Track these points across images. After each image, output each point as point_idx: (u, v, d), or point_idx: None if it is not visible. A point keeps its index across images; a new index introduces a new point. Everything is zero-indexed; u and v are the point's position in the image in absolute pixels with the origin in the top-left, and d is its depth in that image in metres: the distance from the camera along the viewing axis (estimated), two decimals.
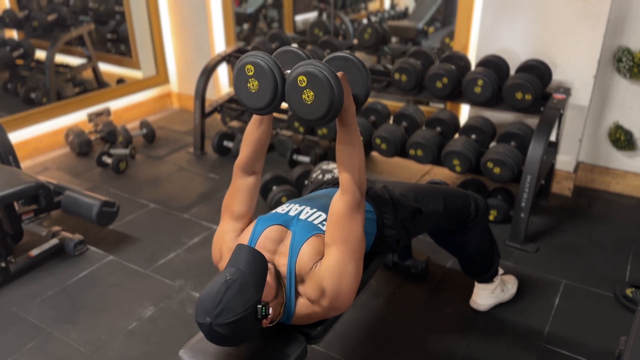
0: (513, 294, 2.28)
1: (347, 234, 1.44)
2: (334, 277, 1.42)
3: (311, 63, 1.33)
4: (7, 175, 2.41)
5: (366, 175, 1.52)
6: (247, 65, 1.38)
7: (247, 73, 1.39)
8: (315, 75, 1.31)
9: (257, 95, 1.40)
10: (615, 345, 1.92)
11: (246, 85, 1.41)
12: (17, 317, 2.22)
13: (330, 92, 1.31)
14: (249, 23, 5.53)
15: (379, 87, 3.20)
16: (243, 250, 1.35)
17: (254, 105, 1.43)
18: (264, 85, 1.38)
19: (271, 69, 1.37)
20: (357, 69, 1.47)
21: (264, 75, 1.38)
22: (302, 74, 1.32)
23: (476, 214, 2.00)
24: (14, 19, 4.40)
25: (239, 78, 1.41)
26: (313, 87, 1.32)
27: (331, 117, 1.35)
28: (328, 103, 1.31)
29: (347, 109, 1.41)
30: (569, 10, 2.77)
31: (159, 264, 2.57)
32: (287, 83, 1.36)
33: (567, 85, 2.91)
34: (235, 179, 1.66)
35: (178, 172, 3.53)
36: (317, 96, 1.32)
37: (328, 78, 1.30)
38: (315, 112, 1.34)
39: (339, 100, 1.32)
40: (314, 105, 1.33)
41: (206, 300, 1.26)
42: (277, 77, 1.37)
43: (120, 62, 4.77)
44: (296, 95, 1.35)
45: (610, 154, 3.09)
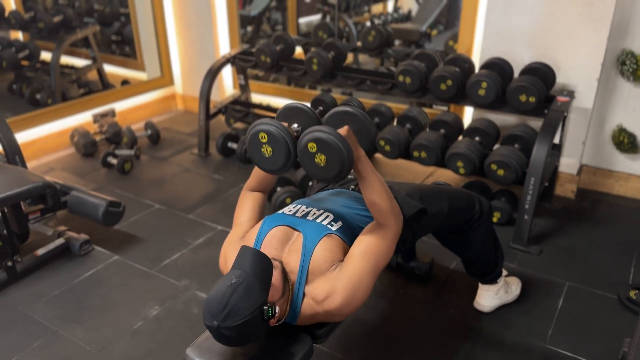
0: (517, 295, 2.28)
1: (380, 253, 1.49)
2: (351, 286, 1.43)
3: (319, 129, 1.41)
4: (14, 175, 2.43)
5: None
6: (261, 133, 1.47)
7: (260, 140, 1.48)
8: (324, 140, 1.39)
9: (271, 160, 1.50)
10: (619, 347, 1.93)
11: (260, 150, 1.50)
12: (23, 316, 2.24)
13: (340, 154, 1.39)
14: (252, 25, 5.55)
15: (383, 89, 3.21)
16: (248, 252, 1.36)
17: (268, 168, 1.53)
18: (277, 152, 1.48)
19: (284, 137, 1.45)
20: (359, 121, 1.54)
21: (276, 143, 1.46)
22: (312, 141, 1.41)
23: (480, 214, 2.01)
24: (19, 21, 4.43)
25: (253, 144, 1.50)
26: (323, 151, 1.40)
27: (345, 174, 1.43)
28: (340, 163, 1.40)
29: (359, 158, 1.47)
30: (573, 13, 2.78)
31: (164, 264, 2.59)
32: (299, 149, 1.45)
33: (571, 88, 2.92)
34: (242, 197, 1.76)
35: (183, 173, 3.55)
36: (328, 159, 1.41)
37: (336, 141, 1.38)
38: (329, 173, 1.43)
39: (349, 158, 1.40)
40: (327, 167, 1.42)
41: (213, 303, 1.28)
42: (289, 144, 1.46)
43: (125, 64, 4.80)
44: (309, 160, 1.44)
45: (614, 156, 3.10)
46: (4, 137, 2.65)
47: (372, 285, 1.48)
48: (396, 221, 1.53)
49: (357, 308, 1.48)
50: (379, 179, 1.51)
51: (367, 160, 1.50)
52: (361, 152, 1.48)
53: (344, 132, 1.44)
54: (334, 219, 1.59)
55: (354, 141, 1.46)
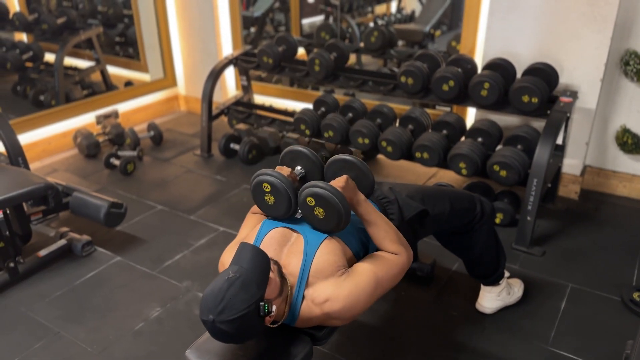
0: (519, 297, 2.27)
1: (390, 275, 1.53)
2: (355, 295, 1.44)
3: (316, 184, 1.49)
4: (17, 176, 2.43)
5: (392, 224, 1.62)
6: (264, 184, 1.56)
7: (263, 189, 1.57)
8: (321, 195, 1.47)
9: (274, 207, 1.59)
10: (622, 349, 1.92)
11: (263, 198, 1.59)
12: (25, 317, 2.24)
13: (337, 208, 1.46)
14: (256, 26, 5.56)
15: (385, 90, 3.21)
16: (246, 248, 1.37)
17: (271, 214, 1.62)
18: (279, 201, 1.57)
19: (286, 190, 1.55)
20: (357, 169, 1.61)
21: (278, 194, 1.56)
22: (310, 196, 1.49)
23: (482, 215, 2.00)
24: (23, 22, 4.45)
25: (257, 191, 1.60)
26: (321, 205, 1.48)
27: (345, 224, 1.50)
28: (337, 216, 1.48)
29: (359, 203, 1.54)
30: (576, 14, 2.77)
31: (165, 265, 2.59)
32: (299, 202, 1.53)
33: (574, 89, 2.91)
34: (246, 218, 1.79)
35: (185, 174, 3.55)
36: (326, 211, 1.48)
37: (333, 197, 1.46)
38: (328, 224, 1.51)
39: (346, 211, 1.47)
40: (326, 218, 1.50)
41: (209, 297, 1.28)
42: (290, 196, 1.55)
43: (128, 65, 4.81)
44: (309, 212, 1.52)
45: (618, 157, 3.08)
46: (7, 139, 2.66)
47: (370, 304, 1.50)
48: (406, 252, 1.57)
49: (353, 317, 1.49)
50: (382, 217, 1.58)
51: (368, 204, 1.56)
52: (361, 197, 1.55)
53: (342, 182, 1.51)
54: None
55: (352, 188, 1.53)
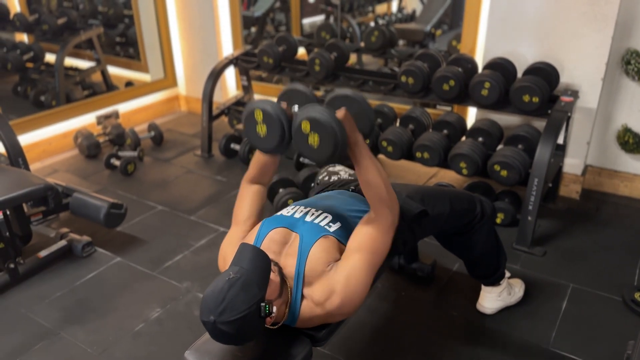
0: (520, 297, 2.27)
1: (375, 247, 1.48)
2: (350, 282, 1.42)
3: (313, 108, 1.39)
4: (16, 177, 2.43)
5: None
6: (256, 111, 1.47)
7: (255, 118, 1.48)
8: (318, 120, 1.38)
9: (266, 139, 1.50)
10: (623, 350, 1.91)
11: (255, 129, 1.50)
12: (25, 318, 2.24)
13: (333, 135, 1.38)
14: (256, 26, 5.55)
15: (385, 90, 3.20)
16: (246, 249, 1.36)
17: (262, 147, 1.54)
18: (271, 131, 1.47)
19: (279, 117, 1.45)
20: (359, 105, 1.53)
21: (271, 122, 1.46)
22: (306, 120, 1.40)
23: (482, 216, 1.99)
24: (24, 23, 4.45)
25: (248, 122, 1.50)
26: (317, 131, 1.39)
27: (338, 157, 1.42)
28: (333, 144, 1.39)
29: (356, 142, 1.46)
30: (577, 13, 2.76)
31: (165, 265, 2.59)
32: (293, 128, 1.44)
33: (575, 88, 2.90)
34: (241, 190, 1.73)
35: (185, 175, 3.55)
36: (322, 139, 1.39)
37: (330, 121, 1.37)
38: (322, 154, 1.42)
39: (343, 139, 1.39)
40: (320, 148, 1.41)
41: (210, 298, 1.28)
42: (284, 124, 1.46)
43: (129, 65, 4.81)
44: (302, 139, 1.43)
45: (619, 157, 3.07)
46: (7, 140, 2.66)
47: (370, 281, 1.47)
48: (391, 211, 1.50)
49: (358, 306, 1.47)
50: (376, 164, 1.49)
51: (365, 146, 1.48)
52: (358, 137, 1.46)
53: (341, 115, 1.42)
54: (333, 220, 1.58)
55: (351, 125, 1.44)
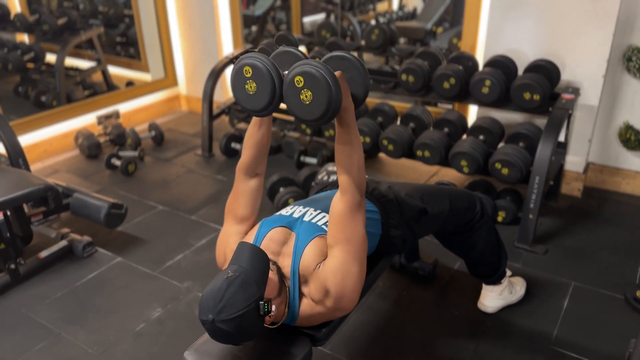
0: (521, 295, 2.26)
1: (349, 234, 1.43)
2: (337, 278, 1.41)
3: (308, 62, 1.31)
4: (17, 177, 2.43)
5: (366, 175, 1.51)
6: (245, 67, 1.37)
7: (244, 75, 1.38)
8: (312, 75, 1.29)
9: (255, 97, 1.39)
10: (625, 348, 1.90)
11: (244, 87, 1.39)
12: (26, 319, 2.24)
13: (328, 91, 1.30)
14: (257, 25, 5.55)
15: (386, 88, 3.19)
16: (245, 247, 1.36)
17: (252, 107, 1.42)
18: (262, 87, 1.37)
19: (269, 71, 1.36)
20: (354, 68, 1.45)
21: (261, 77, 1.37)
22: (299, 74, 1.31)
23: (482, 214, 1.99)
24: (24, 23, 4.45)
25: (237, 80, 1.40)
26: (310, 87, 1.31)
27: (330, 116, 1.34)
28: (326, 102, 1.30)
29: (346, 108, 1.39)
30: (578, 10, 2.75)
31: (166, 265, 2.59)
32: (285, 84, 1.35)
33: (576, 85, 2.89)
34: (238, 182, 1.65)
35: (186, 174, 3.55)
36: (315, 95, 1.31)
37: (325, 77, 1.29)
38: (314, 112, 1.33)
39: (337, 98, 1.31)
40: (313, 104, 1.32)
41: (208, 297, 1.27)
42: (274, 79, 1.36)
43: (130, 65, 4.81)
44: (294, 95, 1.34)
45: (621, 154, 3.06)
46: (8, 140, 2.66)
47: (361, 270, 1.45)
48: (358, 189, 1.44)
49: (356, 299, 1.46)
50: (358, 138, 1.44)
51: (353, 114, 1.42)
52: (350, 103, 1.41)
53: (337, 74, 1.36)
54: None
55: (345, 88, 1.38)
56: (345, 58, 1.44)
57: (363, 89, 1.47)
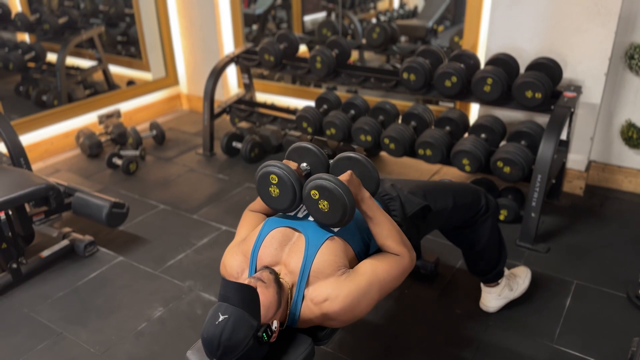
0: (525, 288, 2.24)
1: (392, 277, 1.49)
2: (356, 296, 1.41)
3: (321, 177, 1.47)
4: (18, 177, 2.43)
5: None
6: (272, 175, 1.55)
7: (270, 181, 1.56)
8: (326, 187, 1.45)
9: (278, 199, 1.58)
10: (628, 346, 1.90)
11: (268, 190, 1.58)
12: (28, 318, 2.24)
13: (341, 199, 1.44)
14: (257, 24, 5.54)
15: (387, 87, 3.19)
16: (229, 285, 1.32)
17: (274, 207, 1.61)
18: (284, 194, 1.56)
19: (292, 183, 1.53)
20: (362, 166, 1.59)
21: (284, 187, 1.55)
22: (314, 188, 1.47)
23: (486, 209, 1.98)
24: (25, 22, 4.45)
25: (263, 182, 1.58)
26: (326, 198, 1.46)
27: (349, 218, 1.48)
28: (342, 208, 1.45)
29: (363, 200, 1.51)
30: (580, 8, 2.74)
31: (168, 264, 2.58)
32: (304, 195, 1.51)
33: (578, 83, 2.88)
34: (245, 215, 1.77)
35: (187, 173, 3.55)
36: (331, 205, 1.46)
37: (337, 188, 1.44)
38: (333, 218, 1.48)
39: (350, 202, 1.45)
40: (330, 212, 1.48)
41: (206, 345, 1.29)
42: (296, 190, 1.54)
43: (131, 64, 4.80)
44: (313, 205, 1.50)
45: (623, 152, 3.05)
46: (9, 140, 2.66)
47: (372, 306, 1.47)
48: (409, 253, 1.54)
49: (353, 319, 1.46)
50: (386, 216, 1.55)
51: (372, 201, 1.53)
52: (365, 194, 1.52)
53: (347, 177, 1.49)
54: None
55: (357, 184, 1.51)
56: (351, 158, 1.60)
57: (373, 184, 1.61)
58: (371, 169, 1.60)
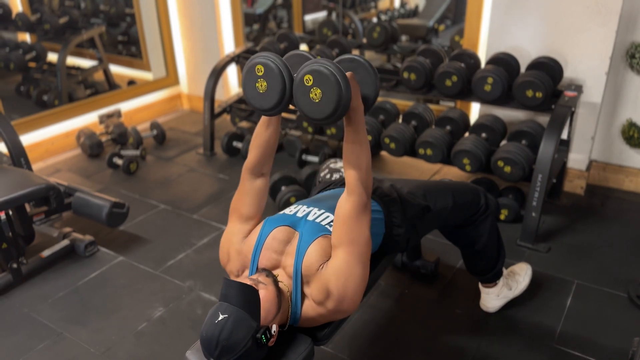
0: (525, 286, 2.23)
1: (353, 235, 1.42)
2: (340, 279, 1.40)
3: (317, 61, 1.32)
4: (18, 177, 2.43)
5: (372, 175, 1.51)
6: (257, 66, 1.38)
7: (256, 73, 1.39)
8: (322, 73, 1.30)
9: (265, 95, 1.40)
10: (628, 346, 1.90)
11: (255, 85, 1.41)
12: (28, 318, 2.25)
13: (337, 88, 1.30)
14: (258, 23, 5.54)
15: (387, 86, 3.18)
16: (231, 284, 1.32)
17: (261, 106, 1.43)
18: (272, 86, 1.38)
19: (280, 71, 1.37)
20: (364, 70, 1.46)
21: (273, 76, 1.38)
22: (309, 73, 1.32)
23: (486, 207, 1.97)
24: (26, 22, 4.45)
25: (248, 78, 1.41)
26: (320, 85, 1.31)
27: (339, 115, 1.34)
28: (336, 99, 1.30)
29: (356, 108, 1.40)
30: (580, 7, 2.73)
31: (168, 264, 2.58)
32: (295, 83, 1.36)
33: (579, 83, 2.88)
34: (244, 181, 1.65)
35: (188, 173, 3.55)
36: (324, 93, 1.31)
37: (335, 74, 1.30)
38: (323, 110, 1.33)
39: (346, 96, 1.31)
40: (322, 103, 1.32)
41: (204, 343, 1.28)
42: (285, 79, 1.37)
43: (131, 64, 4.81)
44: (304, 94, 1.34)
45: (624, 151, 3.04)
46: (9, 140, 2.66)
47: (364, 273, 1.43)
48: (365, 190, 1.44)
49: (358, 301, 1.44)
50: (366, 140, 1.44)
51: (362, 116, 1.42)
52: (359, 104, 1.41)
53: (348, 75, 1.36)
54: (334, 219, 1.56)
55: (355, 88, 1.38)
56: (354, 60, 1.46)
57: (373, 89, 1.48)
58: (373, 76, 1.47)
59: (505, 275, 2.19)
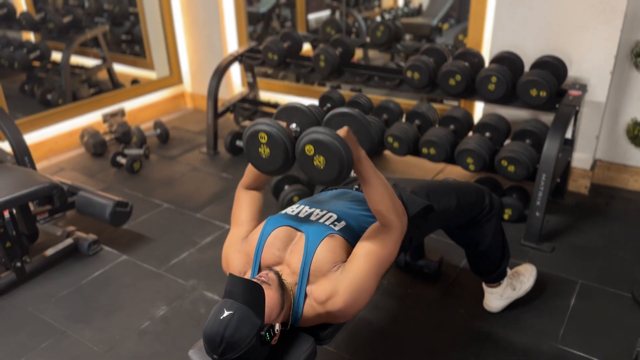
0: (530, 287, 2.22)
1: (384, 255, 1.46)
2: (354, 288, 1.40)
3: (316, 130, 1.37)
4: (22, 176, 2.44)
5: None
6: (260, 133, 1.43)
7: (259, 140, 1.44)
8: (322, 141, 1.35)
9: (268, 160, 1.47)
10: (633, 346, 1.89)
11: (257, 150, 1.47)
12: (32, 317, 2.25)
13: (339, 154, 1.35)
14: (262, 23, 5.54)
15: (391, 85, 3.18)
16: (237, 281, 1.32)
17: (264, 169, 1.50)
18: (275, 153, 1.45)
19: (283, 140, 1.42)
20: (358, 122, 1.50)
21: (275, 145, 1.43)
22: (309, 143, 1.37)
23: (490, 207, 1.96)
24: (30, 22, 4.46)
25: (251, 143, 1.47)
26: (322, 153, 1.37)
27: (346, 174, 1.39)
28: (339, 165, 1.36)
29: (359, 160, 1.44)
30: (585, 5, 2.72)
31: (171, 263, 2.59)
32: (297, 153, 1.41)
33: (583, 82, 2.86)
34: (239, 194, 1.73)
35: (191, 172, 3.55)
36: (327, 160, 1.37)
37: (334, 141, 1.35)
38: (329, 175, 1.39)
39: (348, 157, 1.37)
40: (327, 169, 1.38)
41: (208, 340, 1.28)
42: (288, 147, 1.43)
43: (135, 63, 4.82)
44: (308, 163, 1.40)
45: (628, 151, 3.03)
46: (13, 139, 2.67)
47: (375, 287, 1.46)
48: (400, 221, 1.49)
49: (359, 310, 1.46)
50: (381, 179, 1.47)
51: (368, 161, 1.46)
52: (362, 153, 1.45)
53: (343, 133, 1.41)
54: (337, 219, 1.57)
55: (353, 142, 1.43)
56: (345, 114, 1.50)
57: (368, 140, 1.52)
58: (366, 124, 1.50)
59: (509, 276, 2.18)
